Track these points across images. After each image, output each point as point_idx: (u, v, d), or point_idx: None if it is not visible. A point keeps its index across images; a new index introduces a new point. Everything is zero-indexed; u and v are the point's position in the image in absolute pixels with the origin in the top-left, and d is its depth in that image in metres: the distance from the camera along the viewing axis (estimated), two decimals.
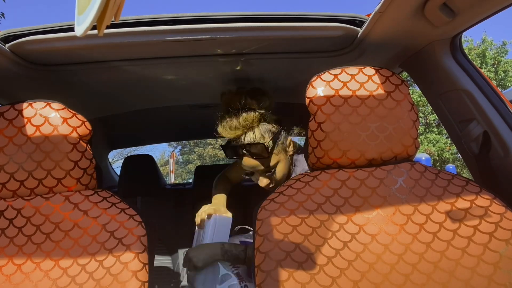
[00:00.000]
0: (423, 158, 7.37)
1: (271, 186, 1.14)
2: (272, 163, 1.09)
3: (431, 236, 0.71)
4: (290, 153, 1.15)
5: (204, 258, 1.02)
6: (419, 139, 0.84)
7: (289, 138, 1.15)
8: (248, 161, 1.10)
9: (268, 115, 1.11)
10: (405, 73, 1.20)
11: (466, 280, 0.66)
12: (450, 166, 9.82)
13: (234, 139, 1.09)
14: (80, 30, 0.46)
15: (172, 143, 18.69)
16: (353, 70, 0.83)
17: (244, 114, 1.06)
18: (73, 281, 0.68)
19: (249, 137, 1.07)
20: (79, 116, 0.80)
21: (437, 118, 1.16)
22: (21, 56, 0.96)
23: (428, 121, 14.11)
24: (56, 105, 0.79)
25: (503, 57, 14.26)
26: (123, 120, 1.74)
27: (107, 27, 0.48)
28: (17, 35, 0.90)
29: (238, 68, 1.18)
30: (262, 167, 1.10)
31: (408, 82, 1.15)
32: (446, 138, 13.32)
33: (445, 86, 0.99)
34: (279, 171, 1.11)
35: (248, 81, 1.35)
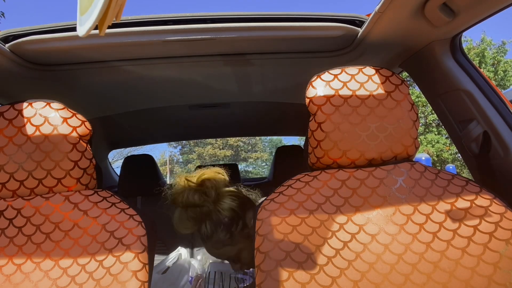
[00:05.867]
0: (423, 158, 7.40)
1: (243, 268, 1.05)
2: (232, 253, 1.01)
3: (431, 236, 0.71)
4: None
5: None
6: (418, 139, 0.84)
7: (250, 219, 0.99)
8: (211, 252, 1.03)
9: (218, 207, 0.98)
10: (405, 73, 1.20)
11: (466, 280, 0.66)
12: (450, 166, 9.85)
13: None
14: (82, 30, 0.46)
15: (172, 143, 18.71)
16: (353, 70, 0.82)
17: (189, 211, 0.98)
18: (73, 281, 0.68)
19: (203, 231, 0.99)
20: (79, 116, 0.80)
21: (437, 118, 1.16)
22: (21, 56, 0.96)
23: (428, 121, 14.11)
24: (56, 105, 0.79)
25: (503, 56, 14.26)
26: (123, 120, 1.74)
27: (108, 27, 0.48)
28: (17, 35, 0.91)
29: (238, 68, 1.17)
30: (225, 256, 1.03)
31: (408, 82, 1.15)
32: (446, 138, 13.33)
33: (445, 86, 0.99)
34: (245, 258, 1.01)
35: (248, 81, 1.35)
